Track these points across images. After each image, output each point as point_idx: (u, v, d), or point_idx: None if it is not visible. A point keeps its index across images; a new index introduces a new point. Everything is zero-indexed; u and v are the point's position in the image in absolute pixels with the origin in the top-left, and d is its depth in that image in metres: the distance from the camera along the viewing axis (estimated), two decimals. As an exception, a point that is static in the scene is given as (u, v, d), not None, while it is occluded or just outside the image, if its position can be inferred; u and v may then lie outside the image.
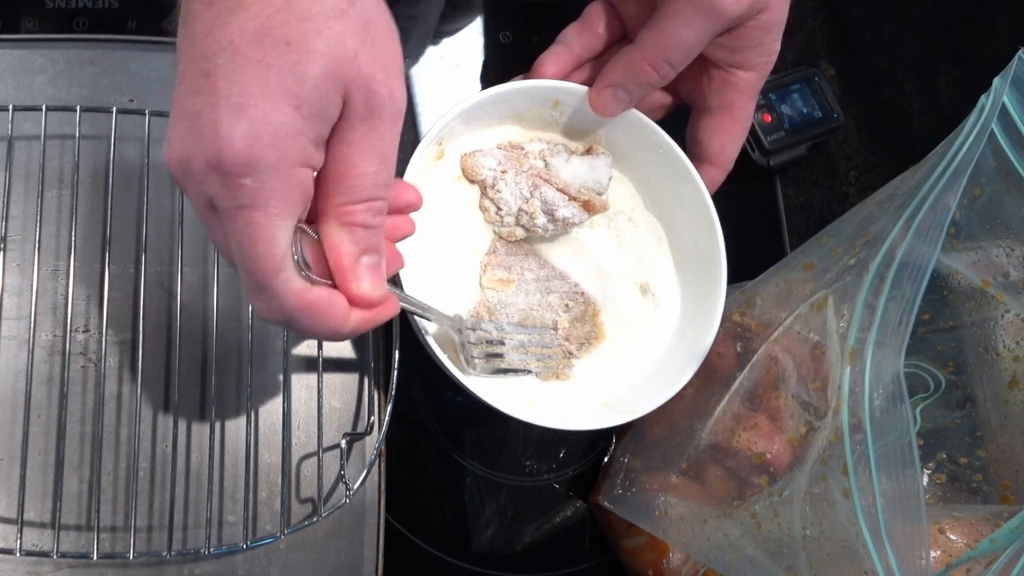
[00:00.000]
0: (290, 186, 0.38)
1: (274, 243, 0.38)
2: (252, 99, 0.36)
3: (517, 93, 0.62)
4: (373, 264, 0.43)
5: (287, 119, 0.36)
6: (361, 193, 0.40)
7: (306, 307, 0.40)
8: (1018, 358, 0.56)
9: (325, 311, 0.41)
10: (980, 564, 0.41)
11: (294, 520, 0.57)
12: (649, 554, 0.65)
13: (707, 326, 0.62)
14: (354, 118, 0.39)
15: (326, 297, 0.41)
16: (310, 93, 0.37)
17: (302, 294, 0.40)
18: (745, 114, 0.62)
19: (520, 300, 0.63)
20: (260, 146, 0.36)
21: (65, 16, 0.66)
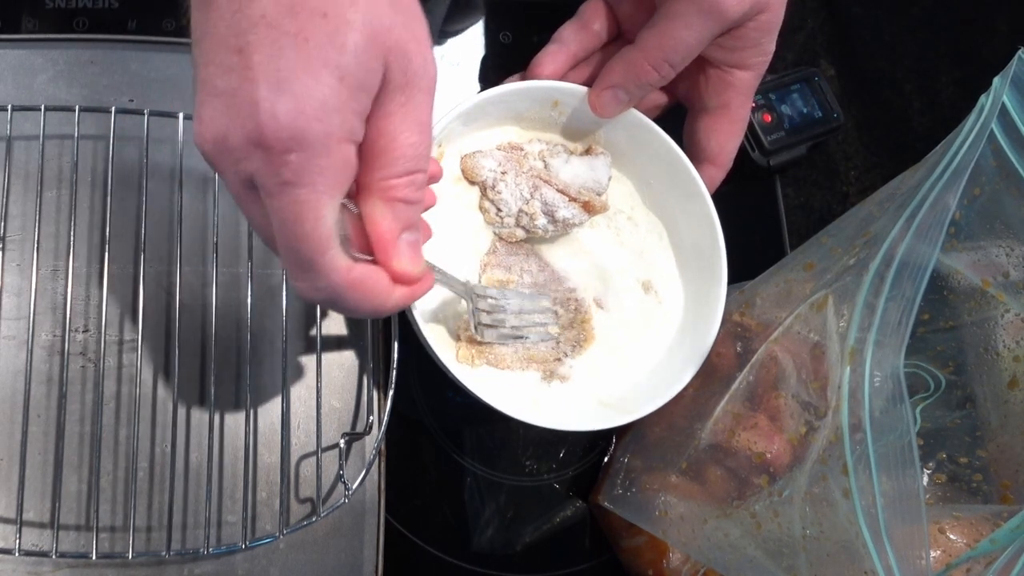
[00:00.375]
0: (337, 161, 0.37)
1: (321, 221, 0.37)
2: (294, 72, 0.35)
3: (516, 94, 0.62)
4: (413, 240, 0.42)
5: (331, 91, 0.35)
6: (403, 166, 0.39)
7: (351, 285, 0.40)
8: (1018, 358, 0.55)
9: (370, 288, 0.41)
10: (980, 564, 0.41)
11: (293, 520, 0.57)
12: (649, 554, 0.65)
13: (708, 326, 0.62)
14: (393, 89, 0.38)
15: (371, 274, 0.41)
16: (352, 64, 0.36)
17: (347, 272, 0.39)
18: (743, 113, 0.62)
19: (513, 303, 0.63)
20: (305, 120, 0.35)
21: (65, 16, 0.66)
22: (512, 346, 0.61)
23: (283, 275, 0.58)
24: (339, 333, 0.61)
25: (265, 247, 0.59)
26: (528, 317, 0.61)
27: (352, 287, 0.40)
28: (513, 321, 0.60)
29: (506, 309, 0.60)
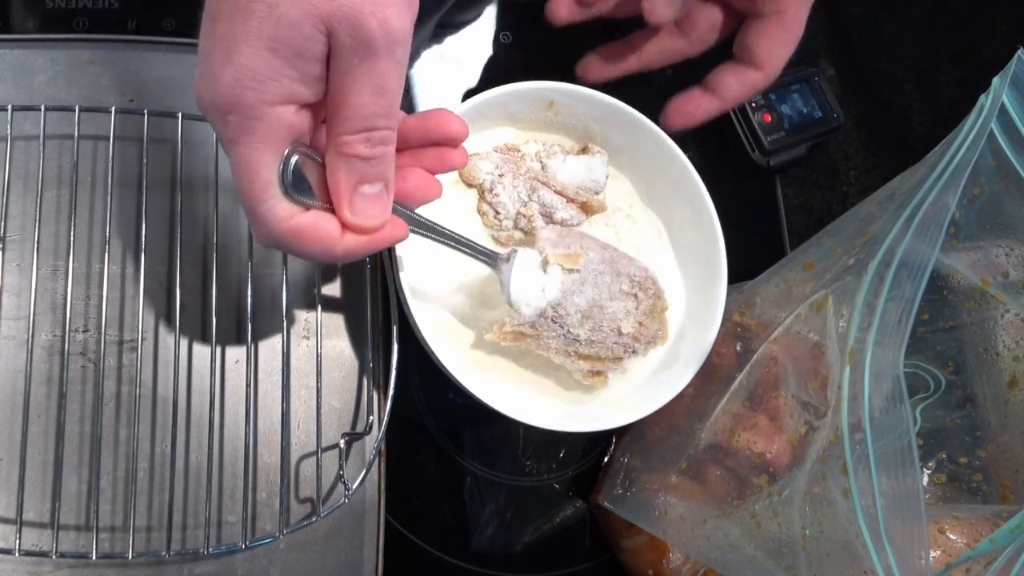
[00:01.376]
0: (270, 123, 0.40)
1: (257, 175, 0.41)
2: (238, 43, 0.39)
3: (511, 95, 0.63)
4: (373, 193, 0.44)
5: (264, 62, 0.39)
6: (354, 124, 0.42)
7: (290, 232, 0.43)
8: (1018, 358, 0.55)
9: (310, 235, 0.44)
10: (980, 564, 0.41)
11: (293, 520, 0.57)
12: (649, 554, 0.65)
13: (708, 325, 0.62)
14: (344, 52, 0.40)
15: (310, 222, 0.43)
16: (285, 35, 0.39)
17: (285, 220, 0.43)
18: (797, 20, 0.61)
19: (586, 292, 0.56)
20: (240, 89, 0.39)
21: (65, 16, 0.66)
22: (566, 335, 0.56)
23: (283, 275, 0.58)
24: (339, 333, 0.61)
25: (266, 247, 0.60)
26: (599, 312, 0.56)
27: (292, 234, 0.43)
28: (576, 320, 0.56)
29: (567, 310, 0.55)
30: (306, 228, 0.43)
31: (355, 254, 0.46)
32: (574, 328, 0.55)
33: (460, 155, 0.50)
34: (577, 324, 0.56)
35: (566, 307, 0.55)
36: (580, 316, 0.56)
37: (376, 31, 0.39)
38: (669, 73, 0.81)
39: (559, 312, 0.55)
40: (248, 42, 0.39)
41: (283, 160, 0.42)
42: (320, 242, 0.44)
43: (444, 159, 0.49)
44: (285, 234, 0.43)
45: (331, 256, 0.45)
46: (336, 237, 0.44)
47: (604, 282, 0.57)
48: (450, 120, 0.49)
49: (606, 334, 0.57)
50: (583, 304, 0.56)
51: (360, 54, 0.40)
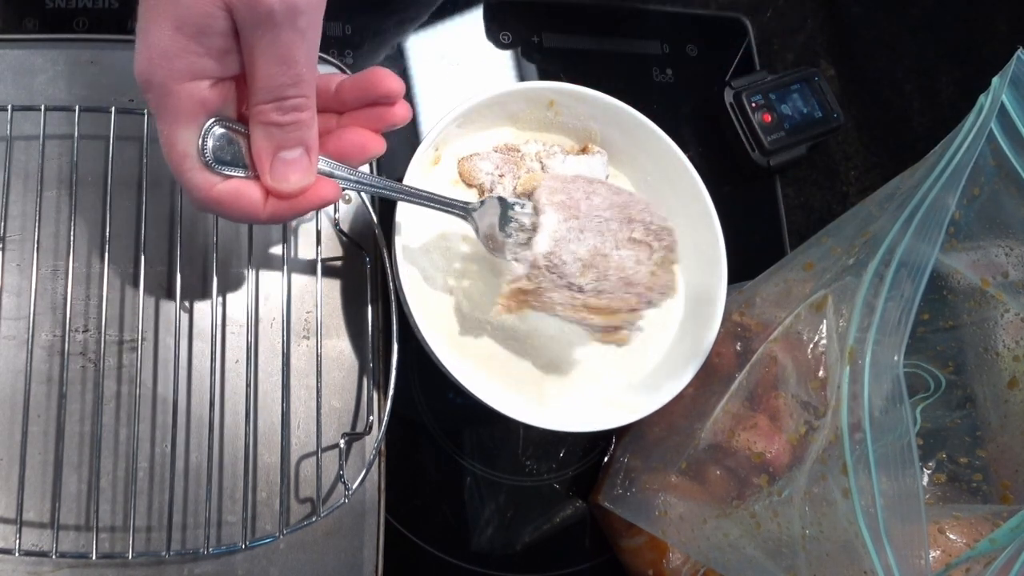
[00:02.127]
0: (180, 99, 0.42)
1: (174, 147, 0.44)
2: (149, 24, 0.41)
3: (511, 95, 0.63)
4: (293, 158, 0.46)
5: (169, 40, 0.41)
6: (265, 94, 0.43)
7: (213, 200, 0.45)
8: (1018, 358, 0.55)
9: (231, 203, 0.45)
10: (979, 564, 0.41)
11: (293, 520, 0.57)
12: (649, 554, 0.65)
13: (708, 324, 0.62)
14: (246, 26, 0.41)
15: (231, 190, 0.45)
16: (188, 13, 0.40)
17: (207, 189, 0.45)
18: None
19: (587, 240, 0.53)
20: (152, 67, 0.41)
21: (65, 16, 0.66)
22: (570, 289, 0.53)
23: (283, 274, 0.58)
24: (339, 333, 0.61)
25: (266, 247, 0.60)
26: (604, 261, 0.53)
27: (215, 202, 0.45)
28: (577, 269, 0.52)
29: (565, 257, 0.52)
30: (227, 196, 0.45)
31: (282, 217, 0.47)
32: (575, 278, 0.52)
33: (400, 111, 0.50)
34: (578, 273, 0.52)
35: (562, 255, 0.52)
36: (581, 265, 0.52)
37: (274, 4, 0.40)
38: (670, 73, 0.82)
39: (554, 261, 0.52)
40: (157, 22, 0.41)
41: (201, 133, 0.44)
42: (242, 209, 0.46)
43: (383, 117, 0.50)
44: (209, 202, 0.45)
45: (257, 219, 0.47)
46: (258, 203, 0.46)
47: (610, 229, 0.54)
48: (385, 78, 0.49)
49: (614, 284, 0.53)
50: (583, 252, 0.53)
51: (262, 27, 0.41)
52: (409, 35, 0.75)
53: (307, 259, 0.61)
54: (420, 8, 0.76)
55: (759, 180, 0.81)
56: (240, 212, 0.46)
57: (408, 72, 0.75)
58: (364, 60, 0.73)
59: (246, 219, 0.47)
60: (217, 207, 0.46)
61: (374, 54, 0.74)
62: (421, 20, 0.76)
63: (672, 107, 0.80)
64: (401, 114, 0.50)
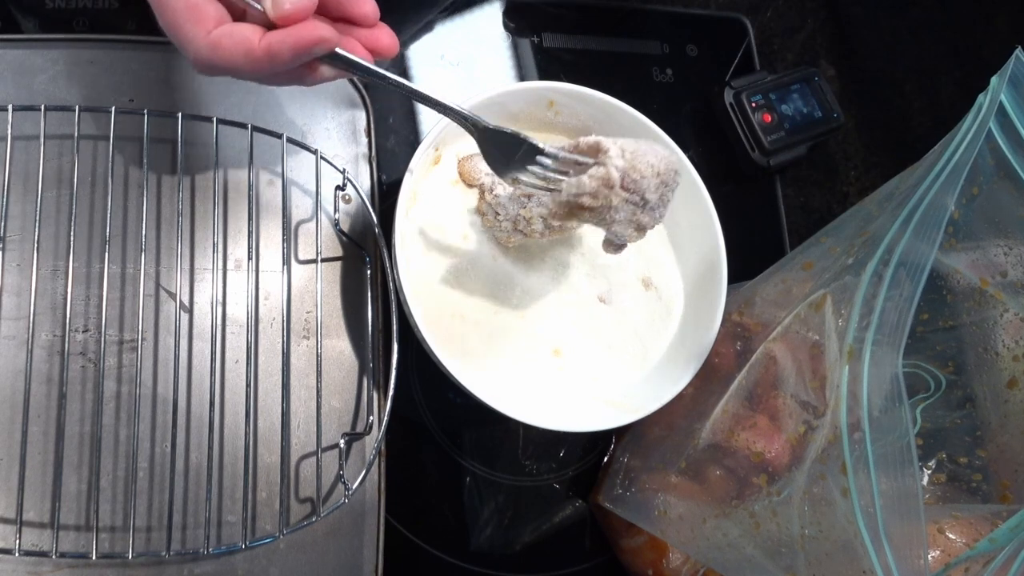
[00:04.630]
0: None
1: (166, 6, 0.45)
2: None
3: (511, 95, 0.63)
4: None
5: None
6: None
7: (211, 42, 0.46)
8: (1017, 358, 0.55)
9: (228, 39, 0.46)
10: (978, 564, 0.41)
11: (293, 520, 0.57)
12: (649, 554, 0.65)
13: (708, 325, 0.62)
14: None
15: (226, 29, 0.46)
16: None
17: (206, 35, 0.46)
18: None
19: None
20: None
21: (65, 16, 0.66)
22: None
23: (283, 274, 0.58)
24: (339, 333, 0.61)
25: (266, 247, 0.60)
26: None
27: (214, 44, 0.46)
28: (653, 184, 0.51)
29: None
30: (222, 36, 0.46)
31: (280, 54, 0.47)
32: (651, 193, 0.51)
33: (383, 38, 0.51)
34: (653, 188, 0.51)
35: (641, 169, 0.51)
36: (658, 181, 0.51)
37: None
38: (669, 73, 0.82)
39: (633, 176, 0.51)
40: None
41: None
42: (237, 45, 0.46)
43: (367, 42, 0.50)
44: (208, 47, 0.46)
45: (256, 59, 0.46)
46: (253, 38, 0.46)
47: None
48: (361, 3, 0.50)
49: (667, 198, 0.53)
50: (658, 164, 0.51)
51: None
52: (409, 35, 0.75)
53: (307, 259, 0.61)
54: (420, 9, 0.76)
55: (759, 180, 0.81)
56: (237, 49, 0.46)
57: (408, 72, 0.75)
58: (364, 60, 0.73)
59: (244, 55, 0.46)
60: (215, 51, 0.46)
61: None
62: (420, 23, 0.76)
63: (672, 107, 0.80)
64: (384, 40, 0.51)
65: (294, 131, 0.62)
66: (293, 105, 0.63)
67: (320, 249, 0.60)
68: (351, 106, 0.65)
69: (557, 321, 0.64)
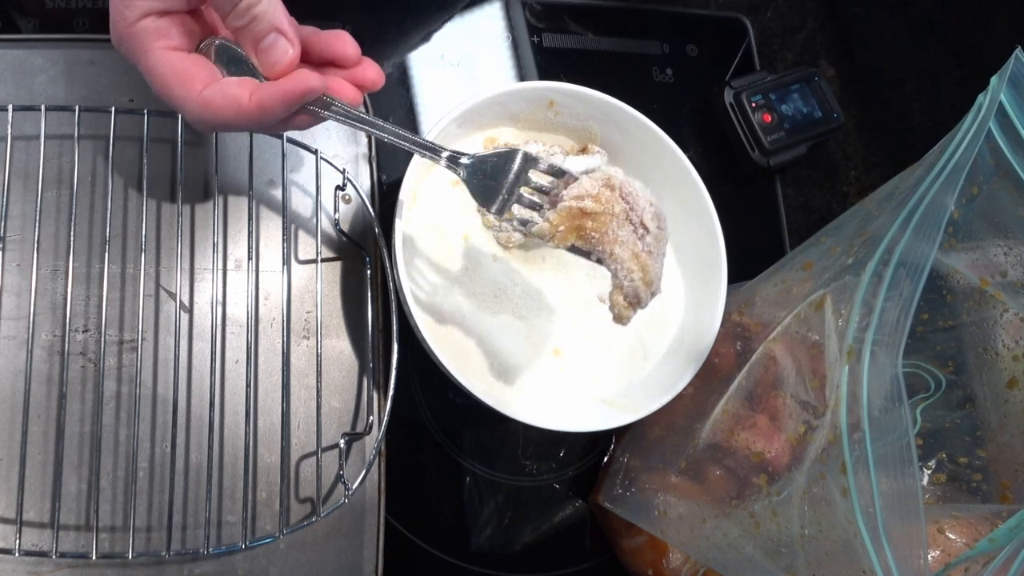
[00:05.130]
0: (141, 30, 0.47)
1: (155, 70, 0.47)
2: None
3: (511, 95, 0.63)
4: (269, 44, 0.48)
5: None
6: (223, 11, 0.47)
7: (204, 101, 0.47)
8: (1017, 357, 0.55)
9: (220, 98, 0.47)
10: (978, 563, 0.41)
11: (293, 520, 0.57)
12: (649, 554, 0.65)
13: (708, 325, 0.62)
14: None
15: (216, 88, 0.47)
16: None
17: (198, 95, 0.47)
18: None
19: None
20: (115, 21, 0.47)
21: (65, 16, 0.66)
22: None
23: (283, 274, 0.58)
24: (339, 333, 0.61)
25: (266, 247, 0.60)
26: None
27: (206, 103, 0.47)
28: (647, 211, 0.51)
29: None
30: (214, 95, 0.47)
31: (270, 107, 0.48)
32: (645, 215, 0.50)
33: (369, 73, 0.52)
34: (649, 216, 0.50)
35: (635, 187, 0.50)
36: (652, 210, 0.51)
37: None
38: (669, 72, 0.82)
39: (627, 189, 0.50)
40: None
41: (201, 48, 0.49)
42: (230, 103, 0.47)
43: (354, 77, 0.52)
44: (201, 106, 0.47)
45: (247, 113, 0.47)
46: (243, 95, 0.47)
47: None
48: (340, 41, 0.51)
49: (662, 248, 0.52)
50: (650, 196, 0.51)
51: None
52: (409, 35, 0.75)
53: (307, 259, 0.61)
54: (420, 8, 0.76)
55: (759, 180, 0.81)
56: (229, 107, 0.47)
57: (408, 72, 0.75)
58: (364, 60, 0.73)
59: (236, 112, 0.47)
60: (207, 110, 0.47)
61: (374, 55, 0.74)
62: (421, 21, 0.76)
63: (672, 107, 0.80)
64: (370, 75, 0.52)
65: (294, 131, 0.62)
66: (293, 105, 0.63)
67: (320, 249, 0.60)
68: (351, 106, 0.65)
69: (557, 321, 0.64)
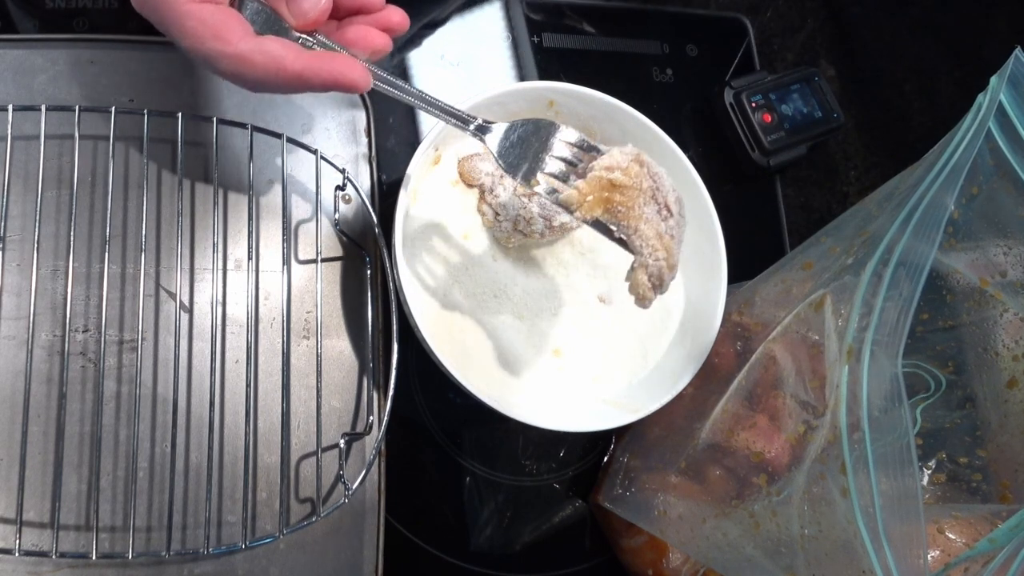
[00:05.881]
0: None
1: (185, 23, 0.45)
2: None
3: (511, 95, 0.63)
4: None
5: None
6: None
7: (241, 58, 0.46)
8: (1017, 357, 0.55)
9: (260, 61, 0.46)
10: (978, 563, 0.41)
11: (293, 520, 0.57)
12: (649, 554, 0.65)
13: (708, 325, 0.62)
14: None
15: (257, 47, 0.46)
16: None
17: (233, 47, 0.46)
18: None
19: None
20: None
21: (65, 16, 0.66)
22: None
23: (284, 274, 0.58)
24: (339, 333, 0.61)
25: (266, 247, 0.60)
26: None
27: (245, 60, 0.46)
28: (671, 194, 0.50)
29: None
30: (254, 53, 0.46)
31: (309, 79, 0.47)
32: (669, 196, 0.50)
33: (393, 15, 0.52)
34: (673, 199, 0.50)
35: (659, 170, 0.50)
36: (675, 195, 0.50)
37: None
38: (669, 73, 0.82)
39: (654, 170, 0.49)
40: None
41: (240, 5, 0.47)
42: (271, 62, 0.46)
43: (379, 20, 0.52)
44: (237, 60, 0.46)
45: (285, 76, 0.47)
46: (286, 58, 0.47)
47: None
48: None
49: (682, 233, 0.51)
50: (671, 183, 0.50)
51: None
52: (409, 35, 0.75)
53: (307, 259, 0.61)
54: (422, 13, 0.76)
55: (759, 180, 0.81)
56: (270, 67, 0.46)
57: (408, 72, 0.75)
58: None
59: (276, 74, 0.47)
60: (244, 64, 0.46)
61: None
62: (422, 21, 0.76)
63: (672, 107, 0.80)
64: (395, 18, 0.52)
65: (294, 131, 0.62)
66: (293, 105, 0.63)
67: (320, 249, 0.60)
68: (351, 106, 0.65)
69: (557, 321, 0.64)
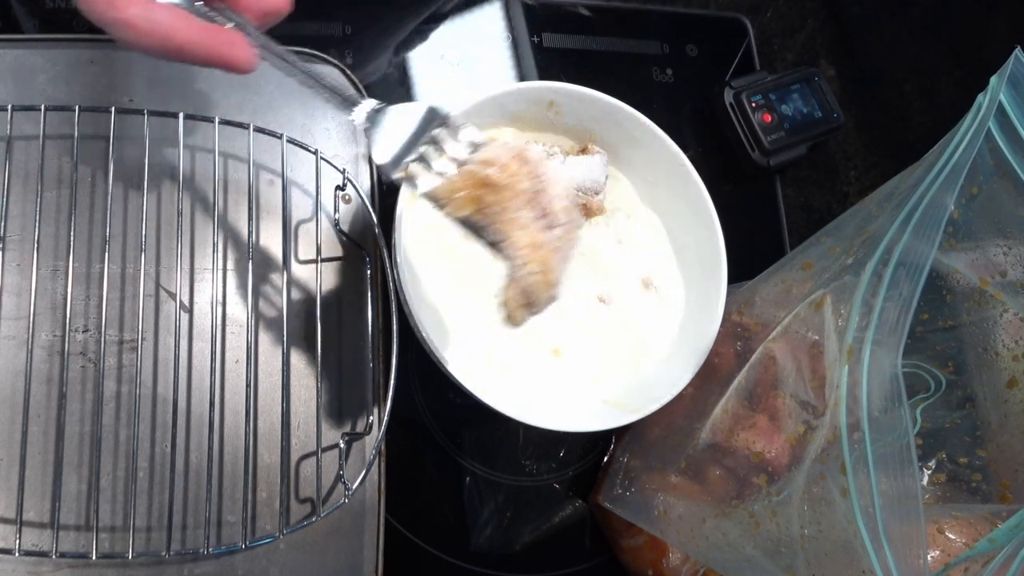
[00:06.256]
0: None
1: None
2: None
3: (511, 96, 0.63)
4: None
5: None
6: None
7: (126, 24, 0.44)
8: (1017, 357, 0.55)
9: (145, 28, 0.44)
10: (978, 563, 0.41)
11: (293, 520, 0.57)
12: (649, 554, 0.65)
13: (708, 325, 0.62)
14: None
15: (143, 14, 0.44)
16: None
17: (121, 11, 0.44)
18: None
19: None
20: None
21: (65, 16, 0.66)
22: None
23: (284, 274, 0.58)
24: (339, 333, 0.61)
25: (266, 247, 0.60)
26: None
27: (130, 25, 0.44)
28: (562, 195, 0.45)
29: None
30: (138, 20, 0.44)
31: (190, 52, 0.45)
32: (558, 209, 0.45)
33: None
34: (561, 208, 0.45)
35: (545, 169, 0.45)
36: (568, 204, 0.46)
37: None
38: (669, 73, 0.82)
39: (539, 171, 0.45)
40: None
41: None
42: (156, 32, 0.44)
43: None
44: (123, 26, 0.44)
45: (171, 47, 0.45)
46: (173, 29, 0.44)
47: None
48: None
49: (569, 245, 0.47)
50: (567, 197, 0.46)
51: None
52: (409, 35, 0.75)
53: (307, 259, 0.61)
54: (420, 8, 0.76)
55: (759, 180, 0.81)
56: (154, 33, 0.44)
57: (408, 72, 0.75)
58: (364, 60, 0.73)
59: (161, 44, 0.45)
60: (128, 30, 0.44)
61: (374, 54, 0.74)
62: (421, 20, 0.76)
63: (672, 107, 0.80)
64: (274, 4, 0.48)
65: (294, 131, 0.62)
66: (293, 105, 0.63)
67: (320, 249, 0.60)
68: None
69: (557, 321, 0.64)
